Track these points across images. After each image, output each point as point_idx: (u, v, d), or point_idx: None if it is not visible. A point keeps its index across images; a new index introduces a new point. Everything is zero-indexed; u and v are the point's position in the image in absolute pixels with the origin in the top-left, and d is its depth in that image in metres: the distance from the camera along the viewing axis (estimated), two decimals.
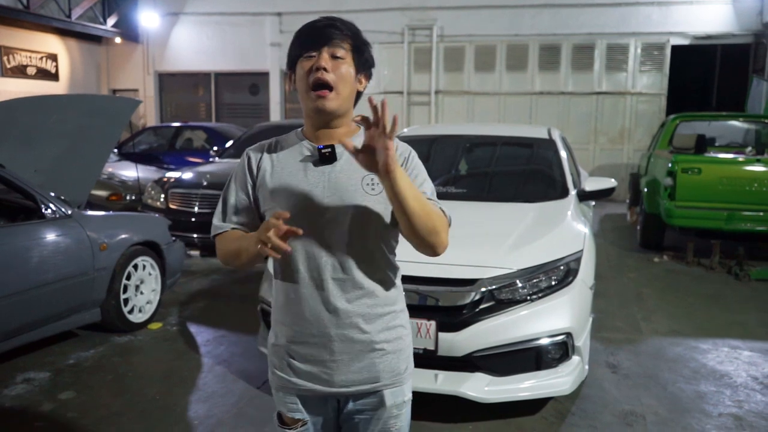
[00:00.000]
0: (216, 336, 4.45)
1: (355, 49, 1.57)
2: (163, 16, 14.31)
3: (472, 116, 12.75)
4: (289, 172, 1.58)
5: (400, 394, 1.65)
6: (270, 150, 1.65)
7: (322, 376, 1.59)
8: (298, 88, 1.57)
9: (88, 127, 4.45)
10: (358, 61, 1.57)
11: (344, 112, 1.58)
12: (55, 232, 3.90)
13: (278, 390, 1.67)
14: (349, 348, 1.58)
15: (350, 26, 1.58)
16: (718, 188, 6.60)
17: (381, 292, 1.60)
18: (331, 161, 1.57)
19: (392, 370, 1.62)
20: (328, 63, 1.52)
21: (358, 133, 1.62)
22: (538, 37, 12.39)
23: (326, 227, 1.54)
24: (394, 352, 1.62)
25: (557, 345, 3.09)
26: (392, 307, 1.63)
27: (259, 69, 13.96)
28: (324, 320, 1.56)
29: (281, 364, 1.64)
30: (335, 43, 1.53)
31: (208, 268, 6.37)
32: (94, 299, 4.15)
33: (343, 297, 1.56)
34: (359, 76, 1.59)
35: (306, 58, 1.54)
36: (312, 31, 1.55)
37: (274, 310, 1.67)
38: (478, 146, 4.94)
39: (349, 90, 1.56)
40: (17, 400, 3.41)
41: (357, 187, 1.54)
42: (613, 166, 12.12)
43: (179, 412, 3.32)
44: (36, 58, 13.25)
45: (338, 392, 1.61)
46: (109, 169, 8.35)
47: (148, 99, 14.72)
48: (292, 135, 1.66)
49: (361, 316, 1.57)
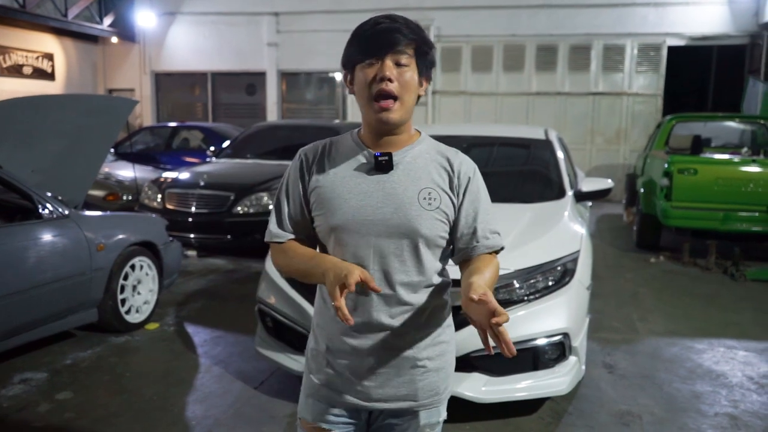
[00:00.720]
0: (213, 336, 4.45)
1: (419, 53, 1.47)
2: (160, 15, 14.29)
3: (469, 117, 12.77)
4: (343, 177, 1.51)
5: (436, 415, 1.60)
6: (325, 152, 1.57)
7: (358, 388, 1.54)
8: (358, 95, 1.49)
9: (85, 127, 4.45)
10: (421, 66, 1.48)
11: (407, 121, 1.52)
12: (52, 233, 3.89)
13: (308, 396, 1.62)
14: (389, 362, 1.53)
15: (414, 28, 1.47)
16: (714, 189, 6.62)
17: (428, 308, 1.53)
18: (387, 170, 1.50)
19: (431, 390, 1.57)
20: (393, 72, 1.43)
21: (418, 140, 1.55)
22: (535, 38, 12.41)
23: (377, 238, 1.48)
24: (436, 370, 1.57)
25: (554, 345, 3.10)
26: (438, 323, 1.57)
27: (256, 69, 13.96)
28: (365, 333, 1.51)
29: (317, 369, 1.60)
30: (400, 50, 1.44)
31: (205, 269, 6.37)
32: (92, 299, 4.15)
33: (388, 311, 1.50)
34: (421, 80, 1.50)
35: (368, 65, 1.45)
36: (375, 35, 1.44)
37: (316, 313, 1.63)
38: (476, 147, 4.94)
39: (413, 98, 1.48)
40: (14, 400, 3.41)
41: (413, 200, 1.48)
42: (610, 167, 12.15)
43: (177, 413, 3.32)
44: (32, 57, 13.22)
45: (372, 407, 1.56)
46: (106, 169, 8.33)
47: (145, 99, 14.70)
48: (347, 138, 1.58)
49: (405, 331, 1.52)
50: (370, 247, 1.48)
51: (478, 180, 1.58)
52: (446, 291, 1.59)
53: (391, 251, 1.49)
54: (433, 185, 1.50)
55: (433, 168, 1.53)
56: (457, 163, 1.55)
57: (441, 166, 1.54)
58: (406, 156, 1.52)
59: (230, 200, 6.43)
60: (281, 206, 1.60)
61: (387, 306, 1.50)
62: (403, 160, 1.51)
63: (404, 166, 1.51)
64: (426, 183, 1.50)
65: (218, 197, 6.51)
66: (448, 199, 1.52)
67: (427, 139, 1.59)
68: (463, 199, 1.54)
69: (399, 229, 1.48)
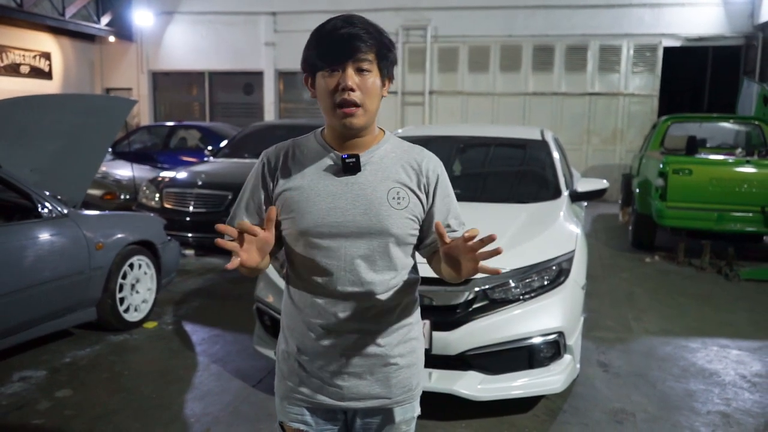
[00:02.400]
0: (211, 335, 4.47)
1: (380, 56, 1.46)
2: (157, 14, 14.30)
3: (466, 116, 12.81)
4: (311, 180, 1.50)
5: (410, 411, 1.62)
6: (289, 155, 1.55)
7: (332, 389, 1.55)
8: (321, 102, 1.48)
9: (84, 126, 4.47)
10: (383, 68, 1.48)
11: (371, 123, 1.52)
12: (51, 232, 3.92)
13: (283, 399, 1.62)
14: (362, 361, 1.53)
15: (374, 32, 1.46)
16: (709, 189, 6.67)
17: (399, 306, 1.55)
18: (355, 171, 1.49)
19: (404, 386, 1.58)
20: (355, 80, 1.42)
21: (382, 139, 1.56)
22: (531, 38, 12.46)
23: (347, 239, 1.48)
24: (408, 366, 1.58)
25: (549, 344, 3.14)
26: (409, 320, 1.59)
27: (254, 68, 13.98)
28: (337, 332, 1.51)
29: (289, 372, 1.59)
30: (360, 57, 1.42)
31: (203, 268, 6.39)
32: (90, 298, 4.17)
33: (359, 310, 1.51)
34: (384, 81, 1.50)
35: (329, 73, 1.43)
36: (334, 43, 1.42)
37: (285, 315, 1.62)
38: (472, 147, 4.98)
39: (377, 102, 1.48)
40: (14, 398, 3.43)
41: (382, 200, 1.48)
42: (606, 167, 12.21)
43: (175, 411, 3.35)
44: (29, 56, 13.21)
45: (348, 406, 1.56)
46: (104, 168, 8.34)
47: (142, 98, 14.70)
48: (311, 139, 1.57)
49: (377, 330, 1.53)
50: (341, 248, 1.48)
51: (445, 176, 1.59)
52: (416, 287, 1.61)
53: (362, 252, 1.49)
54: (401, 185, 1.51)
55: (400, 167, 1.53)
56: (425, 161, 1.56)
57: (408, 165, 1.54)
58: (373, 156, 1.52)
59: (228, 199, 6.44)
60: (239, 206, 1.59)
61: (359, 305, 1.51)
62: (370, 160, 1.51)
63: (371, 167, 1.51)
64: (394, 183, 1.51)
65: (216, 196, 6.53)
66: (416, 198, 1.53)
67: (392, 138, 1.59)
68: (434, 198, 1.55)
69: (369, 230, 1.48)
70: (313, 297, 1.52)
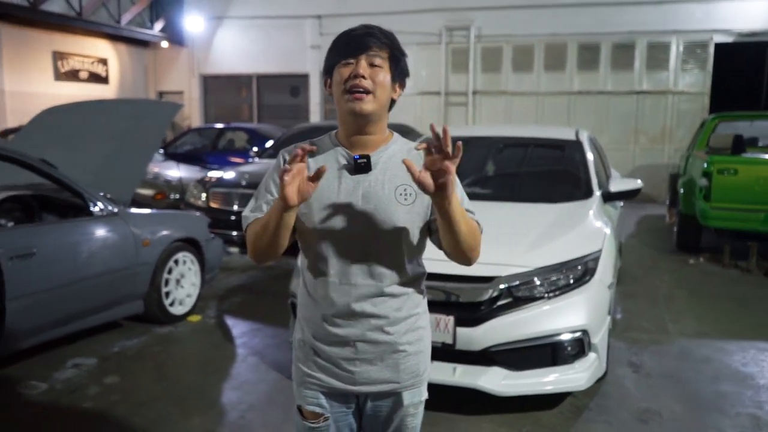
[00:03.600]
0: (251, 329, 4.66)
1: (392, 57, 1.59)
2: (208, 20, 14.75)
3: (510, 117, 12.75)
4: (325, 178, 1.57)
5: (418, 395, 1.72)
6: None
7: (344, 374, 1.65)
8: (334, 92, 1.59)
9: (133, 129, 4.73)
10: (394, 70, 1.59)
11: (379, 118, 1.60)
12: (102, 229, 4.17)
13: (300, 385, 1.73)
14: (372, 348, 1.63)
15: (388, 35, 1.60)
16: (755, 189, 6.50)
17: (407, 297, 1.65)
18: (366, 171, 1.60)
19: (412, 371, 1.68)
20: (366, 70, 1.54)
21: (391, 140, 1.66)
22: (576, 37, 12.31)
23: (358, 234, 1.59)
24: (415, 353, 1.68)
25: (573, 341, 3.17)
26: (416, 310, 1.69)
27: (300, 71, 14.27)
28: (349, 322, 1.62)
29: (305, 358, 1.71)
30: (373, 52, 1.55)
31: (246, 265, 6.62)
32: (138, 292, 4.42)
33: (369, 301, 1.61)
34: (395, 85, 1.61)
35: (344, 65, 1.56)
36: (350, 39, 1.57)
37: (300, 305, 1.74)
38: (506, 148, 5.02)
39: (386, 96, 1.58)
40: (67, 383, 3.68)
41: (391, 197, 1.58)
42: (654, 167, 11.96)
43: (213, 398, 3.54)
44: (88, 62, 13.84)
45: (359, 390, 1.67)
46: (155, 169, 8.71)
47: (193, 101, 15.20)
48: (326, 139, 1.68)
49: (386, 320, 1.63)
50: (352, 243, 1.59)
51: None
52: (422, 280, 1.71)
53: (372, 246, 1.59)
54: (409, 182, 1.57)
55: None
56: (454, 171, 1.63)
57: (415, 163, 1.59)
58: (383, 156, 1.62)
59: None
60: (257, 199, 1.67)
61: (369, 296, 1.61)
62: (379, 160, 1.61)
63: (381, 166, 1.61)
64: (402, 180, 1.60)
65: None
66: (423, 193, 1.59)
67: (400, 139, 1.70)
68: None
69: (380, 226, 1.58)
70: (326, 288, 1.63)
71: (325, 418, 1.71)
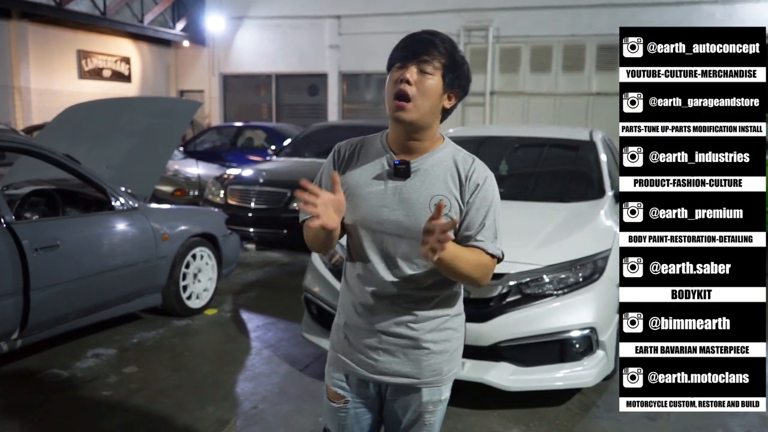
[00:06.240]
0: (266, 322, 4.76)
1: (446, 67, 1.59)
2: (228, 20, 14.94)
3: (527, 117, 12.76)
4: (367, 178, 1.66)
5: (438, 394, 1.75)
6: (355, 151, 1.72)
7: (367, 361, 1.72)
8: (386, 94, 1.63)
9: (154, 126, 4.84)
10: (448, 79, 1.60)
11: (424, 126, 1.61)
12: (123, 223, 4.29)
13: (330, 364, 1.82)
14: (395, 341, 1.69)
15: (449, 47, 1.60)
16: None
17: (435, 298, 1.69)
18: (404, 176, 1.63)
19: (434, 370, 1.71)
20: (414, 76, 1.56)
21: (439, 147, 1.67)
22: (595, 37, 12.29)
23: (390, 238, 1.64)
24: (440, 352, 1.71)
25: (581, 339, 3.21)
26: (446, 312, 1.72)
27: (318, 71, 14.40)
28: (376, 313, 1.69)
29: (338, 342, 1.80)
30: (426, 59, 1.57)
31: (263, 261, 6.72)
32: (156, 285, 4.53)
33: (396, 297, 1.67)
34: (448, 93, 1.62)
35: (396, 68, 1.60)
36: (408, 44, 1.61)
37: (340, 292, 1.82)
38: (521, 147, 5.06)
39: (430, 105, 1.58)
40: (87, 372, 3.80)
41: (424, 206, 1.60)
42: None
43: (228, 389, 3.64)
44: (111, 61, 14.10)
45: (379, 380, 1.73)
46: (176, 166, 8.85)
47: (213, 99, 15.41)
48: (377, 139, 1.73)
49: (412, 317, 1.68)
50: (385, 243, 1.65)
51: (489, 188, 1.66)
52: (456, 283, 1.72)
53: (402, 249, 1.65)
54: (446, 192, 1.62)
55: (448, 175, 1.65)
56: (470, 171, 1.65)
57: (456, 173, 1.66)
58: (425, 163, 1.65)
59: (287, 197, 6.74)
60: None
61: (396, 294, 1.67)
62: (421, 167, 1.64)
63: (421, 173, 1.64)
64: (439, 190, 1.62)
65: (276, 194, 6.83)
66: (458, 206, 1.64)
67: (450, 145, 1.71)
68: (470, 206, 1.64)
69: (409, 231, 1.62)
70: (360, 280, 1.71)
71: (345, 401, 1.78)
